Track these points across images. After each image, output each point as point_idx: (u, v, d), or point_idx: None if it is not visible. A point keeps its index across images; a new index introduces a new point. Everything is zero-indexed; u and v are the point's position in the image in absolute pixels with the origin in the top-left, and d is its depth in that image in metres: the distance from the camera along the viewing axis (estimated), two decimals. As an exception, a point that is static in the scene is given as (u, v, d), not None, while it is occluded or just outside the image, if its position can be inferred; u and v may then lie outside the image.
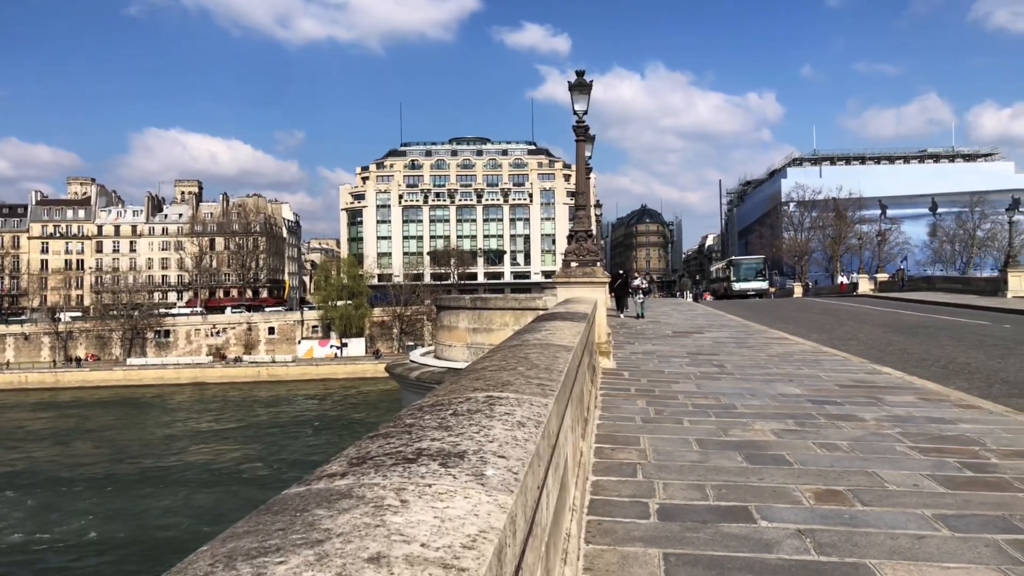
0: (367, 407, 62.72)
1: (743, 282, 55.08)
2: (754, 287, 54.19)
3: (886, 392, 9.79)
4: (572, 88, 13.28)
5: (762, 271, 56.87)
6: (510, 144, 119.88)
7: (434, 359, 18.11)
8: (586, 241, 13.64)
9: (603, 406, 8.70)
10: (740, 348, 15.84)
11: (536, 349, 4.07)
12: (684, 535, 4.30)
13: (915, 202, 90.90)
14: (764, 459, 6.16)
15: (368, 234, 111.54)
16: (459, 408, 2.37)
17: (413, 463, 1.68)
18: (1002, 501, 5.01)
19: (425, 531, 1.26)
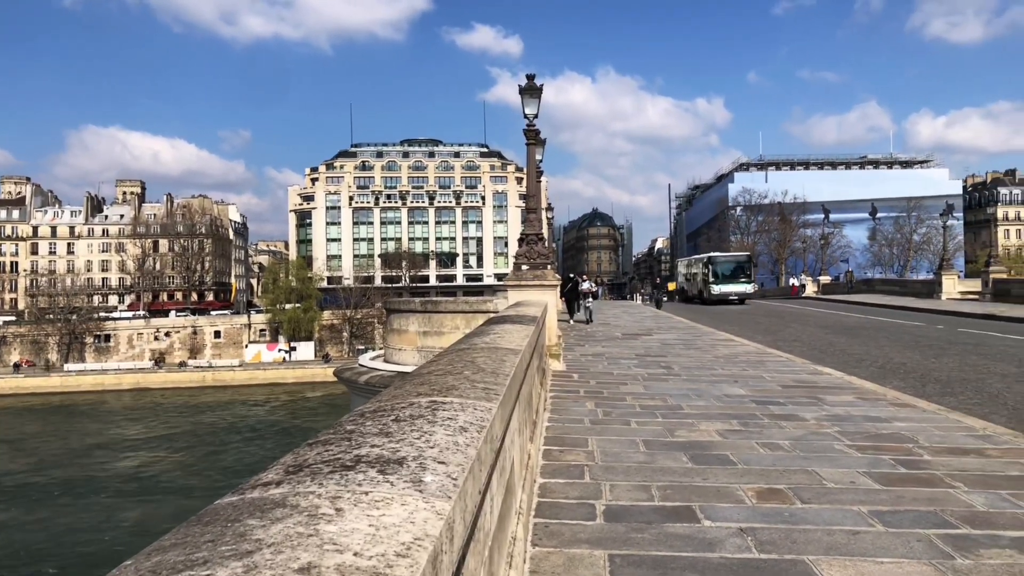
0: (315, 412, 61.67)
1: (724, 283, 44.00)
2: (737, 291, 43.77)
3: (826, 392, 10.07)
4: (522, 92, 13.33)
5: (746, 270, 45.71)
6: (462, 146, 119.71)
7: (384, 363, 17.97)
8: (537, 244, 13.70)
9: (553, 408, 8.75)
10: (687, 350, 16.10)
11: (483, 353, 4.07)
12: (629, 536, 4.35)
13: (856, 207, 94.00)
14: (709, 459, 6.27)
15: (317, 236, 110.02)
16: (401, 414, 2.35)
17: (351, 470, 1.66)
18: (933, 497, 5.20)
19: (359, 540, 1.24)
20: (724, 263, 46.08)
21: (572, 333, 20.17)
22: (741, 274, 44.94)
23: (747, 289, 44.86)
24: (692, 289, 50.38)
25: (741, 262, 46.65)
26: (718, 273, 44.65)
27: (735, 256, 50.57)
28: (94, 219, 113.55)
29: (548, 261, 14.50)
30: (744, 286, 44.36)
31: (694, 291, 49.26)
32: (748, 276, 45.59)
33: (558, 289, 15.95)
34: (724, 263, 46.08)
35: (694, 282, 49.77)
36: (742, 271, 45.28)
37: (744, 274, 45.13)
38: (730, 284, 44.05)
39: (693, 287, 49.90)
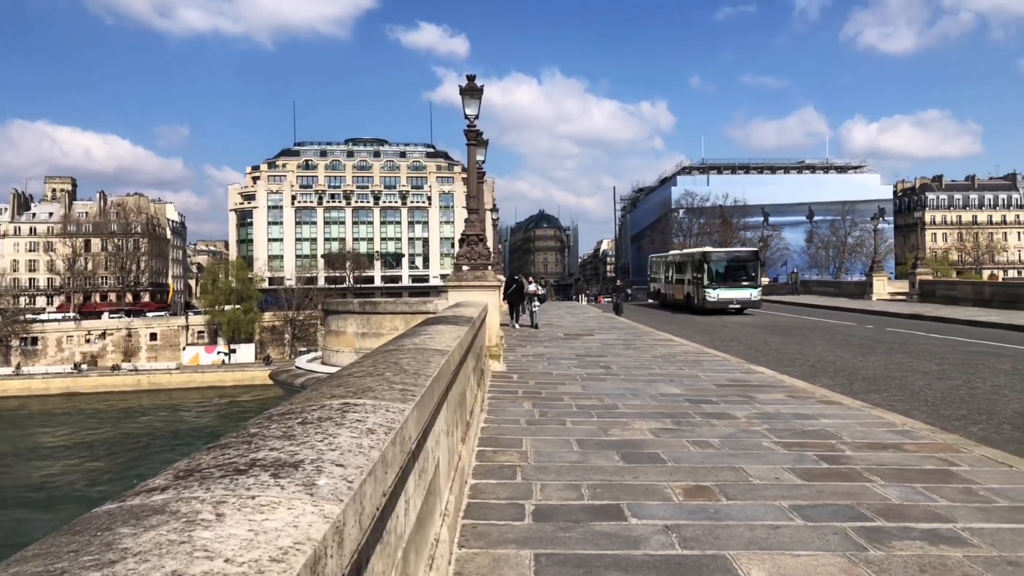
0: (251, 416, 59.74)
1: (723, 287, 33.61)
2: (740, 297, 33.42)
3: (758, 391, 10.32)
4: (463, 92, 13.32)
5: (752, 271, 34.98)
6: (408, 146, 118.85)
7: (321, 365, 17.72)
8: (478, 245, 13.70)
9: (490, 409, 8.75)
10: (627, 350, 16.31)
11: (409, 354, 4.04)
12: (557, 535, 4.37)
13: (794, 210, 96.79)
14: (640, 457, 6.36)
15: (259, 236, 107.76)
16: (309, 416, 2.31)
17: (243, 474, 1.63)
18: (851, 491, 5.37)
19: (234, 545, 1.21)
20: (723, 260, 35.43)
21: (515, 334, 20.22)
22: (744, 275, 34.31)
23: (753, 295, 33.59)
24: (674, 292, 39.39)
25: (745, 260, 35.71)
26: (715, 273, 34.02)
27: (737, 252, 39.19)
28: (20, 217, 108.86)
29: (489, 262, 14.52)
30: (749, 291, 33.57)
31: (678, 295, 38.44)
32: (754, 278, 34.53)
33: (500, 290, 15.95)
34: (723, 260, 35.43)
35: (679, 284, 38.77)
36: (746, 271, 34.56)
37: (748, 275, 34.43)
38: (731, 288, 33.47)
39: (677, 290, 39.00)
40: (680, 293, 38.20)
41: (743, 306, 33.45)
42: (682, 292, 37.74)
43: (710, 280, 33.93)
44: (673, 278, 40.30)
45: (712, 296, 33.54)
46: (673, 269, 40.72)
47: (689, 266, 36.97)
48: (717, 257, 35.70)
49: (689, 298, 36.16)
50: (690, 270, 36.58)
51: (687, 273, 37.22)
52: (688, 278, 36.85)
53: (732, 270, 34.58)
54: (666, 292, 41.68)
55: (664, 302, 41.95)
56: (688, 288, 36.55)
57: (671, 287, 40.62)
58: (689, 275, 36.71)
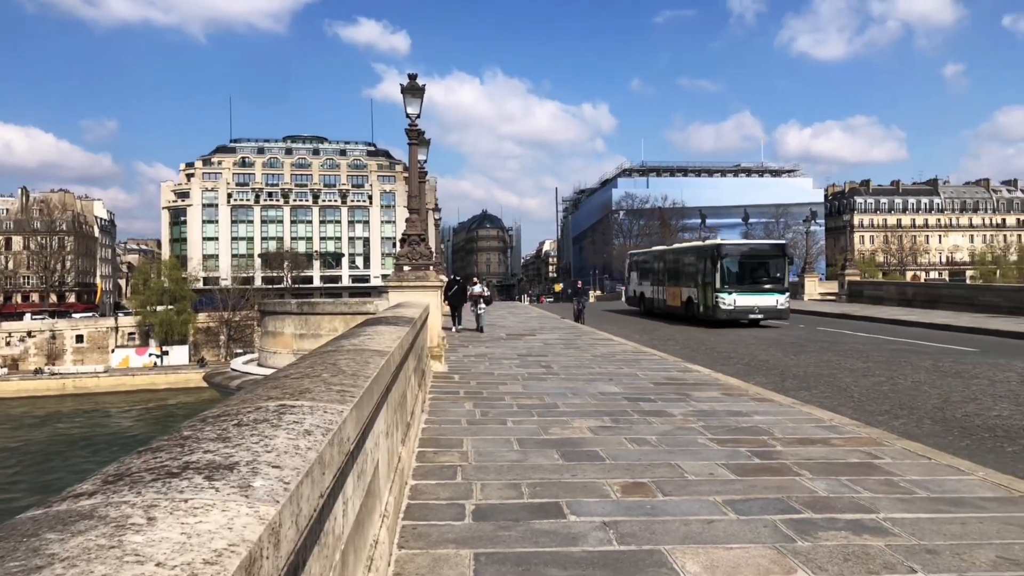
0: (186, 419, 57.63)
1: (742, 291, 26.28)
2: (763, 304, 26.28)
3: (695, 388, 10.57)
4: (404, 91, 13.24)
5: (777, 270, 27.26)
6: (349, 144, 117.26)
7: (257, 367, 17.37)
8: (419, 245, 13.64)
9: (431, 410, 8.73)
10: (567, 349, 16.48)
11: (348, 355, 4.01)
12: (496, 534, 4.40)
13: (730, 212, 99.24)
14: (579, 455, 6.45)
15: (193, 235, 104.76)
16: (245, 418, 2.28)
17: (175, 477, 1.60)
18: (781, 485, 5.56)
19: (166, 549, 1.20)
20: (741, 255, 27.36)
21: (457, 335, 20.19)
22: (767, 276, 26.85)
23: (779, 302, 26.02)
24: (668, 297, 31.33)
25: (769, 255, 27.80)
26: (730, 272, 26.27)
27: (759, 246, 32.15)
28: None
29: (431, 262, 14.47)
30: (774, 296, 26.02)
31: (672, 300, 30.55)
32: (780, 280, 26.73)
33: (441, 290, 15.91)
34: (741, 255, 27.36)
35: (674, 286, 30.72)
36: (769, 271, 26.96)
37: (773, 276, 26.83)
38: (752, 293, 25.94)
39: (672, 294, 30.79)
40: (676, 298, 29.99)
41: (765, 316, 25.84)
42: (679, 297, 29.56)
43: (724, 281, 25.88)
44: (665, 278, 31.87)
45: (727, 303, 25.57)
46: (665, 267, 32.34)
47: (692, 263, 28.95)
48: (733, 251, 27.26)
49: (691, 305, 28.13)
50: (694, 268, 28.62)
51: (688, 272, 29.31)
52: (690, 279, 28.79)
53: (752, 268, 26.88)
54: (653, 296, 33.45)
55: (650, 309, 33.50)
56: (690, 291, 28.47)
57: (662, 290, 32.25)
58: (692, 275, 28.76)
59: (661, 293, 32.39)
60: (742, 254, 27.64)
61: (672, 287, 30.82)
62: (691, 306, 28.16)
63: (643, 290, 35.17)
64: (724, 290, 25.87)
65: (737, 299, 25.78)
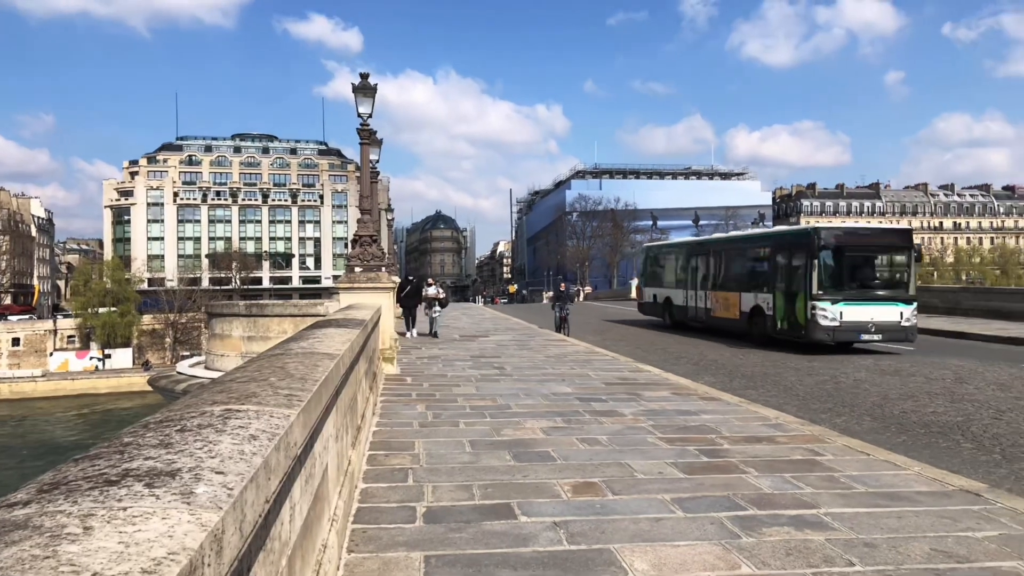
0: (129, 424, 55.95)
1: (854, 298, 17.63)
2: (883, 319, 17.67)
3: (645, 388, 10.71)
4: (356, 90, 13.13)
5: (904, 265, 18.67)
6: (299, 143, 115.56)
7: (204, 370, 17.01)
8: (371, 246, 13.53)
9: (383, 412, 8.68)
10: (521, 350, 16.54)
11: (296, 358, 3.96)
12: (447, 536, 4.40)
13: (681, 214, 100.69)
14: (531, 456, 6.48)
15: (137, 234, 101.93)
16: (189, 423, 2.25)
17: (114, 485, 1.57)
18: (728, 482, 5.68)
19: (103, 559, 1.18)
20: (851, 244, 18.78)
21: (410, 339, 20.06)
22: (885, 276, 19.32)
23: (904, 316, 18.03)
24: (716, 305, 22.66)
25: (891, 246, 19.54)
26: (832, 271, 18.03)
27: (877, 231, 23.00)
28: None
29: (383, 263, 14.37)
30: (897, 307, 18.09)
31: (725, 310, 22.01)
32: (905, 283, 18.80)
33: (394, 292, 15.79)
34: (851, 244, 18.78)
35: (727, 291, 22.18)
36: (887, 270, 19.51)
37: (894, 277, 19.19)
38: (866, 302, 17.93)
39: (723, 302, 22.17)
40: (730, 306, 21.48)
41: (884, 336, 17.86)
42: (736, 305, 21.09)
43: (824, 283, 17.46)
44: (712, 279, 23.19)
45: (829, 316, 17.16)
46: (713, 263, 23.41)
47: (766, 256, 20.39)
48: (839, 237, 18.27)
49: (759, 317, 19.69)
50: (770, 264, 20.01)
51: (757, 269, 21.17)
52: (760, 279, 20.43)
53: (864, 264, 18.75)
54: (687, 303, 24.66)
55: (680, 320, 25.22)
56: (758, 297, 19.85)
57: (704, 295, 23.45)
58: (764, 273, 20.35)
59: (703, 299, 23.43)
60: (852, 242, 18.54)
61: (724, 291, 22.09)
62: (760, 319, 19.56)
63: (668, 294, 26.26)
64: (824, 296, 17.20)
65: (844, 311, 17.20)
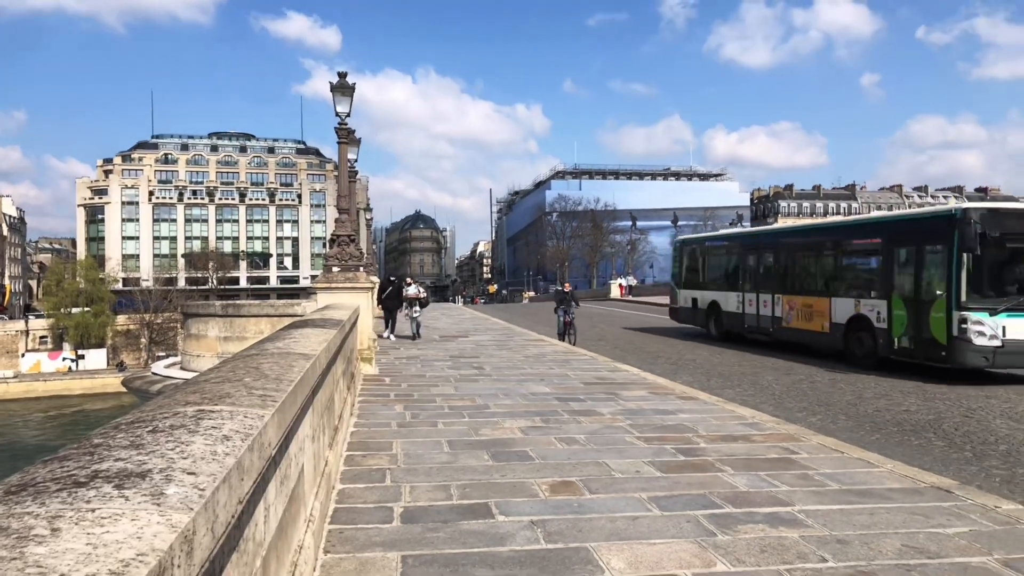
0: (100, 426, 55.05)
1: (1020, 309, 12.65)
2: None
3: (623, 388, 10.76)
4: (334, 89, 13.07)
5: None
6: (277, 142, 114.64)
7: (180, 371, 16.83)
8: (349, 245, 13.46)
9: (360, 413, 8.64)
10: (500, 350, 16.54)
11: (272, 358, 3.94)
12: (425, 536, 4.40)
13: (660, 215, 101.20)
14: (509, 456, 6.49)
15: (111, 234, 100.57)
16: (161, 424, 2.23)
17: (83, 487, 1.56)
18: (704, 481, 5.73)
19: (70, 560, 1.18)
20: (1013, 229, 13.17)
21: (389, 340, 19.98)
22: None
23: None
24: (798, 316, 17.70)
25: None
26: (999, 272, 13.50)
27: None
28: None
29: (361, 263, 14.31)
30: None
31: (814, 322, 17.01)
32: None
33: (372, 292, 15.72)
34: (1013, 229, 13.17)
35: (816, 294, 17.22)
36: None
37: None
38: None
39: (808, 312, 17.29)
40: (817, 316, 16.78)
41: None
42: (824, 315, 16.45)
43: (977, 286, 13.22)
44: (786, 280, 18.51)
45: (987, 330, 12.89)
46: (786, 260, 18.81)
47: (874, 249, 15.87)
48: (1000, 222, 13.35)
49: (861, 332, 15.28)
50: (880, 260, 15.53)
51: (859, 267, 16.76)
52: (863, 280, 16.13)
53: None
54: (743, 310, 19.97)
55: (732, 330, 20.59)
56: (863, 306, 15.30)
57: (774, 301, 18.59)
58: (874, 272, 15.85)
59: (768, 305, 18.67)
60: (1019, 228, 13.47)
61: (805, 295, 17.42)
62: (864, 334, 15.02)
63: (715, 298, 21.44)
64: (978, 304, 12.96)
65: (1009, 325, 12.88)
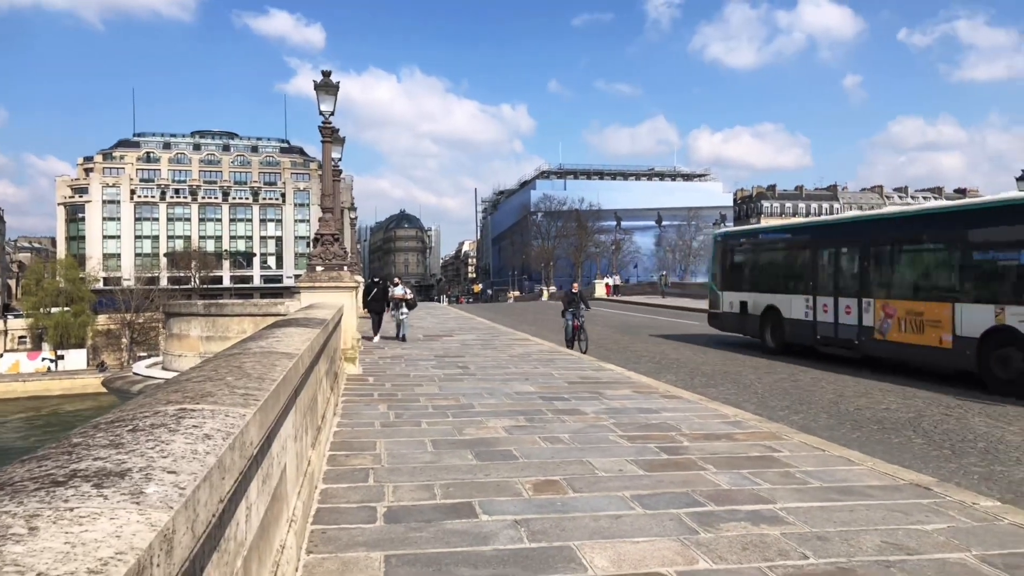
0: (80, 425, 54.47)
1: None
2: None
3: (607, 387, 10.80)
4: (318, 88, 13.01)
5: None
6: (261, 140, 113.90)
7: (162, 371, 16.70)
8: (333, 245, 13.41)
9: (344, 413, 8.61)
10: (485, 350, 16.54)
11: (254, 357, 3.92)
12: (408, 535, 4.39)
13: (644, 215, 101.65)
14: (493, 455, 6.50)
15: (92, 233, 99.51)
16: (141, 423, 2.21)
17: (61, 486, 1.55)
18: (687, 479, 5.76)
19: (48, 559, 1.17)
20: None
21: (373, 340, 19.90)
22: None
23: None
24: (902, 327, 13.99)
25: None
26: None
27: None
28: None
29: (345, 262, 14.26)
30: None
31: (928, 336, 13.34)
32: None
33: (356, 291, 15.66)
34: None
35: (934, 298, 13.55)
36: None
37: None
38: None
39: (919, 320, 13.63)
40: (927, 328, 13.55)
41: None
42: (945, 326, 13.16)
43: None
44: (883, 281, 15.15)
45: None
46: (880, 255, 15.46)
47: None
48: None
49: (1006, 349, 11.96)
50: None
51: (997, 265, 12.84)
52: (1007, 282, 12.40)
53: None
54: (818, 318, 16.45)
55: (804, 342, 16.94)
56: (1009, 315, 11.90)
57: (860, 306, 15.27)
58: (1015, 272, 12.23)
59: (855, 311, 15.24)
60: None
61: (914, 300, 14.11)
62: (1014, 352, 11.83)
63: (772, 302, 18.06)
64: None
65: None
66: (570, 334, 18.04)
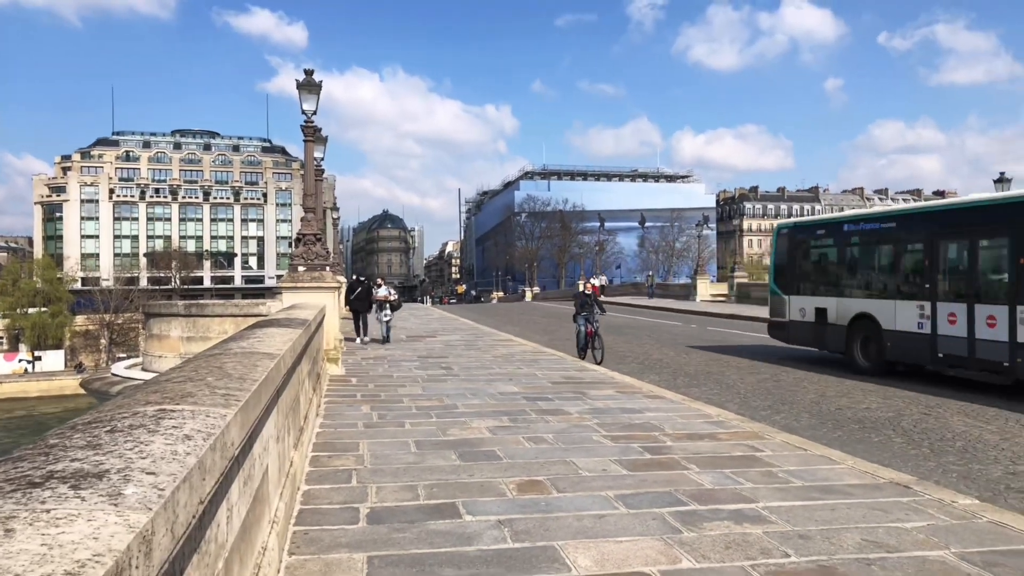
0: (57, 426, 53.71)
1: None
2: None
3: (591, 387, 10.82)
4: (300, 87, 12.94)
5: None
6: (242, 140, 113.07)
7: (141, 372, 16.52)
8: (315, 245, 13.34)
9: (326, 413, 8.57)
10: (469, 350, 16.52)
11: (235, 358, 3.88)
12: (391, 536, 4.37)
13: (627, 216, 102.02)
14: (477, 455, 6.48)
15: (70, 232, 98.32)
16: (120, 424, 2.18)
17: (37, 487, 1.53)
18: (670, 478, 5.78)
19: (25, 560, 1.15)
20: None
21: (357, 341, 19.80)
22: None
23: None
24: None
25: None
26: None
27: None
28: None
29: (327, 262, 14.19)
30: None
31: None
32: None
33: (338, 291, 15.58)
34: None
35: None
36: None
37: None
38: None
39: None
40: None
41: None
42: None
43: None
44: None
45: None
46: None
47: None
48: None
49: None
50: None
51: None
52: None
53: None
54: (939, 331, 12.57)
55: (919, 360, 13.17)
56: None
57: (1014, 315, 11.14)
58: None
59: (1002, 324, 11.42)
60: None
61: None
62: None
63: (863, 308, 14.56)
64: None
65: None
66: (583, 341, 15.76)
